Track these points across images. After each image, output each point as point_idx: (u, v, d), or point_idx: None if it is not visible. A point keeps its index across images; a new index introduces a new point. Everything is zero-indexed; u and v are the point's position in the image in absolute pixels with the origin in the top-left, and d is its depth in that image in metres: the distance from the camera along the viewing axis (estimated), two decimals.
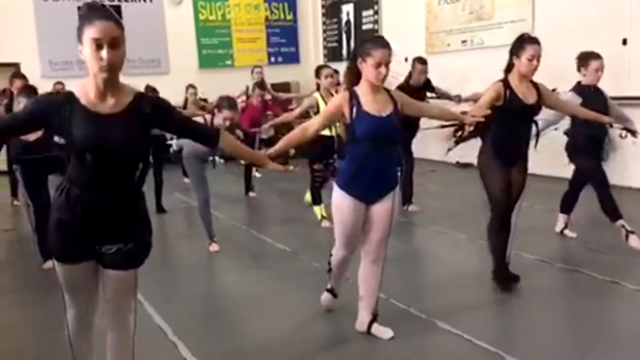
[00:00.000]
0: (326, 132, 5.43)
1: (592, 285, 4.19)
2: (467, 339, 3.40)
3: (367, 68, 3.14)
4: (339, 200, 3.33)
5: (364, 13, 11.65)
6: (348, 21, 12.12)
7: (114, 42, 2.15)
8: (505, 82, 3.92)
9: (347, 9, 12.10)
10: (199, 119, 5.70)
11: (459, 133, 4.01)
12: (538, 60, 3.84)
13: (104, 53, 2.13)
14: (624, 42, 6.93)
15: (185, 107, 8.84)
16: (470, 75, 8.38)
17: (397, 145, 3.41)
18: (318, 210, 6.20)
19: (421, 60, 6.53)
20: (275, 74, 11.75)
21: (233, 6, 12.35)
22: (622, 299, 4.02)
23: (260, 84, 8.37)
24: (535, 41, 3.88)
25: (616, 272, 4.31)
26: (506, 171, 4.01)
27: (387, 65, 3.13)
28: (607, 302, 3.97)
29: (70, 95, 2.27)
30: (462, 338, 3.42)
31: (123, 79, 2.32)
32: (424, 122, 6.29)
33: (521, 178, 4.08)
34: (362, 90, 3.20)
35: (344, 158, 3.37)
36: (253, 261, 5.29)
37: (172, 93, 9.19)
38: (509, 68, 3.96)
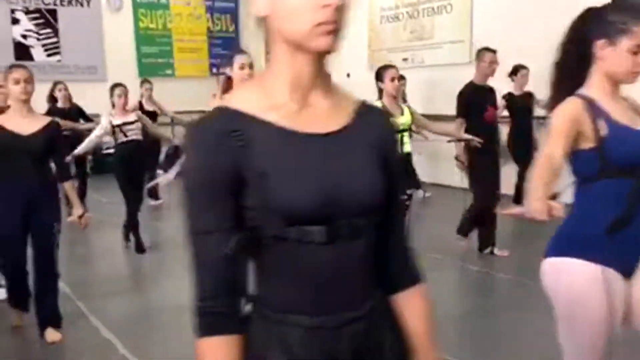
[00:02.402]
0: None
1: None
2: None
3: (616, 55, 1.90)
4: (581, 278, 1.92)
5: None
6: None
7: None
8: None
9: None
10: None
11: None
12: None
13: None
14: None
15: (141, 106, 7.73)
16: (412, 92, 8.52)
17: None
18: None
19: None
20: (216, 86, 11.60)
21: (175, 15, 12.13)
22: None
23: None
24: None
25: None
26: None
27: None
28: None
29: (228, 112, 1.07)
30: None
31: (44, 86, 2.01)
32: None
33: None
34: (598, 93, 1.95)
35: (576, 205, 2.01)
36: None
37: (109, 101, 8.98)
38: None
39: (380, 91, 4.63)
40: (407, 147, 4.58)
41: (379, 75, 4.64)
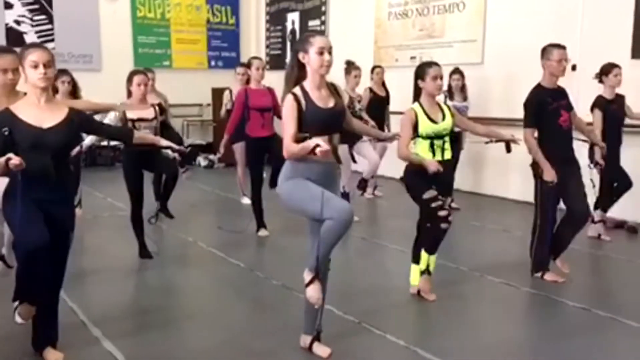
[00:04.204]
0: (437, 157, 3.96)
1: None
2: None
3: None
4: None
5: (310, 23, 11.30)
6: (293, 30, 11.75)
7: None
8: None
9: (293, 18, 11.72)
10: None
11: None
12: None
13: None
14: (573, 67, 6.84)
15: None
16: None
17: None
18: (417, 270, 4.20)
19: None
20: (214, 79, 11.25)
21: (174, 5, 11.74)
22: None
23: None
24: None
25: None
26: None
27: None
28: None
29: None
30: None
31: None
32: None
33: None
34: None
35: None
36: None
37: (104, 91, 8.60)
38: None
39: (418, 90, 4.06)
40: (447, 154, 4.02)
41: (419, 73, 4.04)
